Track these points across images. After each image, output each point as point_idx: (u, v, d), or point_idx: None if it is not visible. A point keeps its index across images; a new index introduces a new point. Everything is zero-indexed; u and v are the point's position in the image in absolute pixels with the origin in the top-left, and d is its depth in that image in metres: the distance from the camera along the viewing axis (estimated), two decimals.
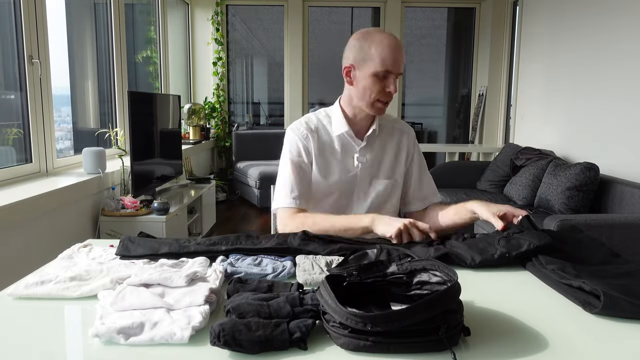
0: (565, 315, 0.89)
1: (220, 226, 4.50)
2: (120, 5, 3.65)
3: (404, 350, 0.75)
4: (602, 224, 2.49)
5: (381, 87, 1.40)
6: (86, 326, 0.79)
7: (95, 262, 1.09)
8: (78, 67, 3.47)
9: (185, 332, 0.76)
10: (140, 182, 3.02)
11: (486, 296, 0.97)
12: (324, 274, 1.03)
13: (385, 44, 1.37)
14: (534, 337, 0.81)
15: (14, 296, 0.94)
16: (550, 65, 4.30)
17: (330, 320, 0.78)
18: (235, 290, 0.90)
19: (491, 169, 4.34)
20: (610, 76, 3.38)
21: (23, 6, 2.42)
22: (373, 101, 1.43)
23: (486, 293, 0.99)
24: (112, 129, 3.31)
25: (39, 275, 1.00)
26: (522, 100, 4.91)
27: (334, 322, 0.77)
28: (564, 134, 4.01)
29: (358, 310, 0.75)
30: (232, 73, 6.28)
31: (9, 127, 2.52)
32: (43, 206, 2.20)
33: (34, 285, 0.96)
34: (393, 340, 0.74)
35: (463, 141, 6.29)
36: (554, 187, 3.26)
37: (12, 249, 2.03)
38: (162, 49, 4.81)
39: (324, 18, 6.19)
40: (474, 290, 0.99)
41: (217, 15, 5.79)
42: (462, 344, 0.78)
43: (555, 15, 4.23)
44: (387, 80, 1.39)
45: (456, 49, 6.54)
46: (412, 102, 6.56)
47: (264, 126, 6.59)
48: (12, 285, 0.96)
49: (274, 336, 0.73)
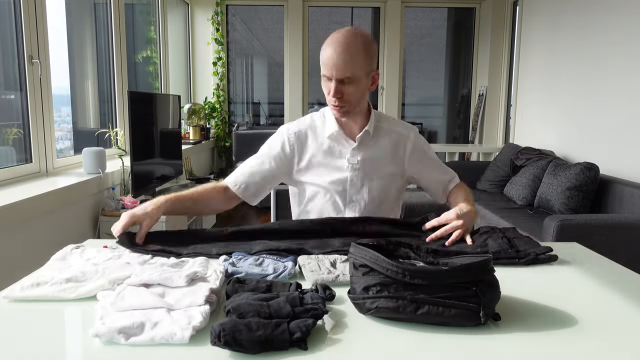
0: (593, 306, 0.89)
1: (220, 226, 4.49)
2: (120, 5, 3.65)
3: (435, 317, 0.81)
4: (602, 224, 2.50)
5: (327, 89, 1.40)
6: (86, 326, 0.79)
7: (89, 263, 1.09)
8: (78, 67, 3.47)
9: (186, 332, 0.76)
10: (140, 182, 3.02)
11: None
12: (332, 274, 1.03)
13: (328, 47, 1.37)
14: (560, 322, 0.86)
15: (9, 299, 0.93)
16: (550, 65, 4.30)
17: (358, 290, 0.86)
18: (234, 290, 0.90)
19: (491, 169, 4.34)
20: (610, 76, 3.38)
21: (23, 6, 2.42)
22: (329, 103, 1.43)
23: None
24: (112, 129, 3.31)
25: (35, 277, 0.99)
26: (522, 100, 4.91)
27: (368, 287, 0.84)
28: (564, 134, 4.01)
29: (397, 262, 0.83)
30: (232, 73, 6.28)
31: (9, 127, 2.52)
32: (43, 206, 2.20)
33: (29, 287, 0.95)
34: (427, 303, 0.81)
35: (463, 141, 6.29)
36: (554, 187, 3.25)
37: (12, 249, 2.03)
38: (162, 49, 4.81)
39: (324, 18, 6.18)
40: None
41: (217, 15, 5.79)
42: (492, 325, 0.85)
43: (555, 15, 4.23)
44: (330, 83, 1.38)
45: (456, 49, 6.54)
46: (412, 102, 6.55)
47: (264, 126, 6.59)
48: (7, 288, 0.96)
49: (274, 336, 0.73)
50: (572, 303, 0.94)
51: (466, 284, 0.81)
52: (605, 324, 0.87)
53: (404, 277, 0.80)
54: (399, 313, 0.81)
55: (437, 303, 0.80)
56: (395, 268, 0.81)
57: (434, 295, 0.80)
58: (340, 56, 1.34)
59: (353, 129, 1.50)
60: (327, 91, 1.40)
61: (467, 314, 0.80)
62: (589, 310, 0.92)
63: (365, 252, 0.87)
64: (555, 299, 0.96)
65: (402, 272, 0.81)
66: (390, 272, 0.81)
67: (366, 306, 0.84)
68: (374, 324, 0.85)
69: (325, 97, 1.43)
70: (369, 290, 0.84)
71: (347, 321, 0.85)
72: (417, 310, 0.80)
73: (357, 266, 0.89)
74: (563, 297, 0.97)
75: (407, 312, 0.81)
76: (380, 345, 0.78)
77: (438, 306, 0.80)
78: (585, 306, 0.93)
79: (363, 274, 0.86)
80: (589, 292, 1.01)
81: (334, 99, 1.39)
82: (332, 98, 1.38)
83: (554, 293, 0.99)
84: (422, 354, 0.76)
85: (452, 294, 0.80)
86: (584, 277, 1.09)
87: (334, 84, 1.37)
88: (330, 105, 1.43)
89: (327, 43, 1.38)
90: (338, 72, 1.35)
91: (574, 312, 0.91)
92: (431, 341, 0.79)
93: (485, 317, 0.80)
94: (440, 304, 0.80)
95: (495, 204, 3.60)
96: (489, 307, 0.82)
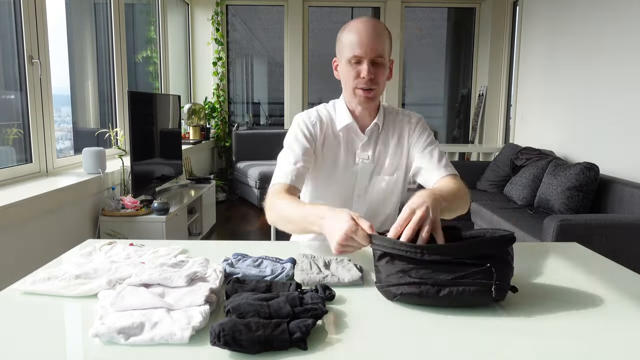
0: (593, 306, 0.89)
1: (220, 226, 4.50)
2: (120, 5, 3.65)
3: (455, 299, 0.85)
4: (602, 224, 2.50)
5: (356, 73, 1.36)
6: (86, 326, 0.79)
7: (108, 261, 1.09)
8: (78, 67, 3.47)
9: (186, 332, 0.76)
10: (140, 182, 3.02)
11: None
12: (321, 274, 1.03)
13: (354, 29, 1.34)
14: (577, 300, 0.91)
15: (20, 291, 0.95)
16: (550, 65, 4.30)
17: (383, 278, 0.91)
18: (233, 290, 0.90)
19: (491, 169, 4.34)
20: (610, 76, 3.38)
21: (23, 6, 2.42)
22: (353, 89, 1.40)
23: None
24: (112, 129, 3.31)
25: (49, 271, 1.00)
26: (522, 100, 4.91)
27: (390, 275, 0.89)
28: (564, 134, 4.01)
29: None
30: (232, 73, 6.28)
31: (9, 127, 2.52)
32: (43, 206, 2.20)
33: (40, 281, 0.97)
34: (447, 285, 0.85)
35: (463, 141, 6.29)
36: (554, 187, 3.25)
37: (12, 249, 2.03)
38: (162, 49, 4.81)
39: (324, 18, 6.18)
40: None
41: (217, 15, 5.79)
42: (511, 300, 0.90)
43: (555, 15, 4.23)
44: (360, 66, 1.35)
45: (456, 49, 6.54)
46: (412, 102, 6.55)
47: (264, 126, 6.59)
48: (22, 280, 0.98)
49: (274, 336, 0.73)
50: (572, 303, 0.94)
51: (480, 260, 0.85)
52: (605, 323, 0.87)
53: (423, 256, 0.85)
54: (422, 297, 0.87)
55: (457, 284, 0.84)
56: (413, 249, 0.86)
57: (451, 277, 0.84)
58: (372, 35, 1.32)
59: (365, 121, 1.47)
60: (355, 74, 1.36)
61: (483, 290, 0.84)
62: (589, 310, 0.92)
63: (383, 240, 0.92)
64: (555, 298, 0.96)
65: (420, 251, 0.86)
66: (410, 253, 0.86)
67: (392, 292, 0.90)
68: (374, 324, 0.85)
69: (349, 82, 1.38)
70: (391, 278, 0.89)
71: (347, 321, 0.85)
72: (439, 292, 0.85)
73: (378, 256, 0.93)
74: (563, 297, 0.97)
75: (430, 296, 0.86)
76: (380, 345, 0.78)
77: (458, 286, 0.84)
78: (585, 306, 0.93)
79: (386, 262, 0.91)
80: (589, 292, 1.01)
81: (365, 81, 1.35)
82: (365, 79, 1.35)
83: (554, 293, 0.99)
84: (423, 354, 0.76)
85: (468, 272, 0.84)
86: (584, 277, 1.09)
87: (366, 65, 1.34)
88: (354, 91, 1.39)
89: (352, 27, 1.35)
90: (372, 51, 1.32)
91: (573, 312, 0.90)
92: (435, 337, 0.79)
93: (497, 291, 0.84)
94: (459, 284, 0.84)
95: (495, 204, 3.60)
96: (504, 282, 0.86)
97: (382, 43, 1.34)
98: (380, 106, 1.50)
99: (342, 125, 1.46)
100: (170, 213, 2.91)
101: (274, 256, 1.14)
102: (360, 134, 1.47)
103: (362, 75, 1.35)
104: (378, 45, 1.33)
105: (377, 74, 1.36)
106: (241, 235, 4.31)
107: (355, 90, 1.39)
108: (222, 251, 1.20)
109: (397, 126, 1.51)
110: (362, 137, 1.47)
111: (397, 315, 0.89)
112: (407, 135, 1.50)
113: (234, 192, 5.70)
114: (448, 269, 0.85)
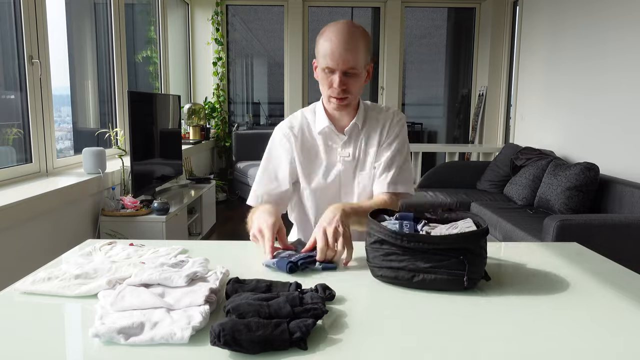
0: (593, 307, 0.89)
1: (220, 226, 4.50)
2: (120, 5, 3.65)
3: (429, 284, 0.96)
4: (602, 224, 2.50)
5: (329, 82, 1.37)
6: (86, 326, 0.79)
7: (108, 261, 1.09)
8: (78, 67, 3.47)
9: (186, 332, 0.76)
10: (140, 182, 3.02)
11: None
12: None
13: (329, 38, 1.33)
14: (577, 300, 0.96)
15: (20, 291, 0.95)
16: (550, 65, 4.30)
17: (370, 258, 1.04)
18: (233, 290, 0.90)
19: (491, 169, 4.34)
20: (610, 76, 3.38)
21: (23, 6, 2.42)
22: (327, 96, 1.41)
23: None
24: (112, 129, 3.31)
25: (49, 271, 1.00)
26: (522, 100, 4.91)
27: (375, 257, 1.01)
28: (564, 134, 4.01)
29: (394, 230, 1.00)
30: (232, 73, 6.28)
31: (9, 127, 2.52)
32: (43, 206, 2.20)
33: (40, 281, 0.97)
34: (422, 272, 0.96)
35: (463, 141, 6.29)
36: (554, 187, 3.25)
37: (12, 249, 2.03)
38: (162, 49, 4.81)
39: (324, 18, 6.18)
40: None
41: (217, 15, 5.79)
42: (483, 287, 0.99)
43: (555, 15, 4.23)
44: (333, 76, 1.36)
45: (456, 49, 6.54)
46: (412, 102, 6.55)
47: (264, 126, 6.59)
48: (22, 280, 0.98)
49: (274, 336, 0.73)
50: (571, 303, 0.94)
51: (455, 251, 0.95)
52: (605, 324, 0.87)
53: (402, 242, 0.97)
54: (397, 280, 0.99)
55: (429, 271, 0.96)
56: (395, 234, 0.98)
57: (428, 265, 0.96)
58: (345, 47, 1.31)
59: (344, 122, 1.48)
60: (328, 84, 1.37)
61: (455, 279, 0.95)
62: (589, 310, 0.92)
63: (373, 224, 1.03)
64: (555, 298, 0.96)
65: (400, 237, 0.97)
66: (392, 238, 0.98)
67: (375, 272, 1.03)
68: (374, 324, 0.85)
69: (324, 90, 1.40)
70: (376, 260, 1.02)
71: (347, 321, 0.85)
72: (412, 278, 0.97)
73: (370, 240, 1.05)
74: (563, 297, 0.97)
75: (404, 280, 0.98)
76: (379, 345, 0.78)
77: (431, 274, 0.96)
78: (585, 306, 0.93)
79: (375, 245, 1.02)
80: (589, 292, 1.01)
81: (338, 91, 1.36)
82: (337, 89, 1.36)
83: (554, 293, 0.99)
84: (423, 355, 0.76)
85: (442, 263, 0.95)
86: (584, 277, 1.09)
87: (338, 76, 1.34)
88: (329, 98, 1.40)
89: (327, 35, 1.34)
90: (344, 63, 1.32)
91: (573, 312, 0.90)
92: (435, 337, 0.79)
93: (468, 281, 0.94)
94: (432, 272, 0.95)
95: (495, 204, 3.60)
96: (475, 273, 0.97)
97: (355, 54, 1.33)
98: (359, 105, 1.50)
99: (320, 128, 1.48)
100: (170, 213, 2.91)
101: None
102: (340, 135, 1.48)
103: (334, 86, 1.36)
104: (351, 57, 1.32)
105: (349, 83, 1.36)
106: (241, 235, 4.30)
107: (329, 98, 1.41)
108: (222, 251, 1.20)
109: (379, 123, 1.51)
110: (342, 137, 1.48)
111: (397, 315, 0.89)
112: (386, 131, 1.50)
113: (234, 192, 5.69)
114: (425, 258, 0.96)
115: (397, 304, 0.94)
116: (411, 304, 0.94)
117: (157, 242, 1.28)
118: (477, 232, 1.00)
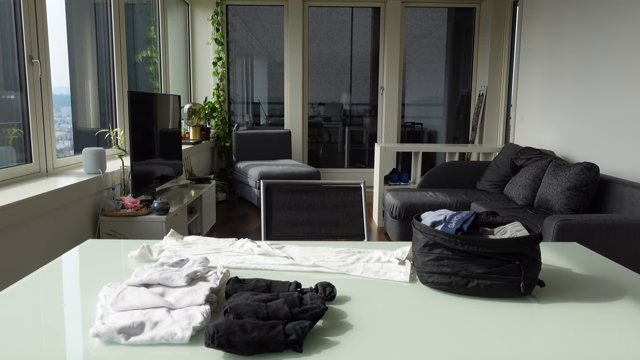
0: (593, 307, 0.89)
1: (220, 226, 4.50)
2: (120, 5, 3.65)
3: (484, 290, 0.91)
4: (602, 224, 2.49)
5: None
6: (86, 326, 0.78)
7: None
8: (78, 67, 3.47)
9: (186, 332, 0.76)
10: (140, 182, 3.02)
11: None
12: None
13: None
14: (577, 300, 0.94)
15: None
16: (550, 65, 4.30)
17: (419, 264, 0.98)
18: (233, 290, 0.90)
19: (491, 169, 4.34)
20: (610, 76, 3.38)
21: (23, 6, 2.42)
22: None
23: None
24: (112, 129, 3.31)
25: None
26: (522, 100, 4.91)
27: (427, 262, 0.96)
28: (564, 134, 4.01)
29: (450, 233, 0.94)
30: (232, 73, 6.28)
31: (9, 127, 2.52)
32: (43, 206, 2.20)
33: None
34: (477, 278, 0.91)
35: (463, 141, 6.29)
36: (554, 187, 3.25)
37: (12, 249, 2.03)
38: (162, 49, 4.81)
39: (324, 18, 6.18)
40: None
41: (217, 15, 5.79)
42: (537, 295, 0.96)
43: (555, 15, 4.23)
44: None
45: (456, 49, 6.54)
46: (412, 102, 6.55)
47: (264, 126, 6.58)
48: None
49: (269, 338, 0.73)
50: (571, 303, 0.94)
51: (509, 256, 0.91)
52: (605, 324, 0.86)
53: (456, 245, 0.92)
54: (451, 287, 0.94)
55: (485, 277, 0.91)
56: (449, 237, 0.93)
57: (481, 270, 0.91)
58: None
59: None
60: None
61: (510, 285, 0.91)
62: (589, 310, 0.92)
63: (421, 227, 0.99)
64: (555, 298, 0.96)
65: (454, 240, 0.93)
66: (445, 241, 0.94)
67: (424, 279, 0.98)
68: (373, 325, 0.85)
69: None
70: (427, 265, 0.97)
71: (346, 322, 0.85)
72: (467, 284, 0.92)
73: (419, 244, 1.00)
74: (562, 298, 0.97)
75: (459, 287, 0.93)
76: (379, 347, 0.77)
77: (486, 280, 0.91)
78: (585, 306, 0.93)
79: (424, 250, 0.98)
80: (589, 291, 1.01)
81: None
82: None
83: (554, 293, 0.99)
84: (424, 355, 0.76)
85: (497, 268, 0.90)
86: (584, 277, 1.09)
87: None
88: None
89: None
90: None
91: (573, 312, 0.90)
92: (436, 338, 0.79)
93: (525, 287, 0.90)
94: (487, 277, 0.91)
95: (495, 204, 3.60)
96: (530, 279, 0.92)
97: None
98: None
99: None
100: (170, 213, 2.91)
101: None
102: None
103: None
104: None
105: None
106: (241, 235, 4.31)
107: None
108: None
109: None
110: None
111: (397, 316, 0.89)
112: None
113: (234, 192, 5.69)
114: (479, 262, 0.91)
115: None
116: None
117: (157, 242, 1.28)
118: (532, 236, 0.94)
